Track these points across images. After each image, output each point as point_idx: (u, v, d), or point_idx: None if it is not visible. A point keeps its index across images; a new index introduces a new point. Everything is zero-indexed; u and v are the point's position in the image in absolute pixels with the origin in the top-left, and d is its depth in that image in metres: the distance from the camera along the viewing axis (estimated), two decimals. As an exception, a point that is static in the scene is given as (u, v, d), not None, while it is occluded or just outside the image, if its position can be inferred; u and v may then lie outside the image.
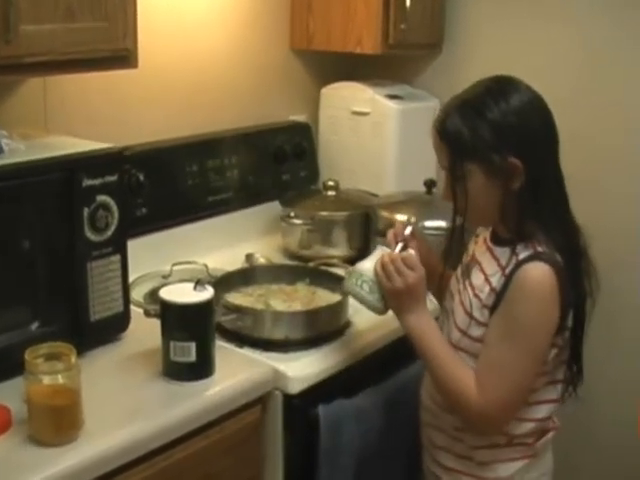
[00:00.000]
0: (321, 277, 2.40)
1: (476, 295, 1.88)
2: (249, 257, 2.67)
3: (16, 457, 1.63)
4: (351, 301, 2.22)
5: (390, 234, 2.05)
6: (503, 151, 1.78)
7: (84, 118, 2.41)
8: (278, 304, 2.26)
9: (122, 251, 2.05)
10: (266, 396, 2.02)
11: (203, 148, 2.76)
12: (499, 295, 1.82)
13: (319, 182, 3.06)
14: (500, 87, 1.85)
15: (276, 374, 2.02)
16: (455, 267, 2.06)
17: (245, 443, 1.99)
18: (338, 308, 2.22)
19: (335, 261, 2.55)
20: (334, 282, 2.33)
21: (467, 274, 1.95)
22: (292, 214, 2.76)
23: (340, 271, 2.39)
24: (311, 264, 2.53)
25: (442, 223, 2.37)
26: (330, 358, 2.13)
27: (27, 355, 1.66)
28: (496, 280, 1.84)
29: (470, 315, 1.89)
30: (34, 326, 1.91)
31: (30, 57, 1.86)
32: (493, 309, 1.83)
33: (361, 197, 2.88)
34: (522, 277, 1.78)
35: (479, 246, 1.98)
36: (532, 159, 1.80)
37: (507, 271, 1.81)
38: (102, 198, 1.96)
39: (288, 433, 2.06)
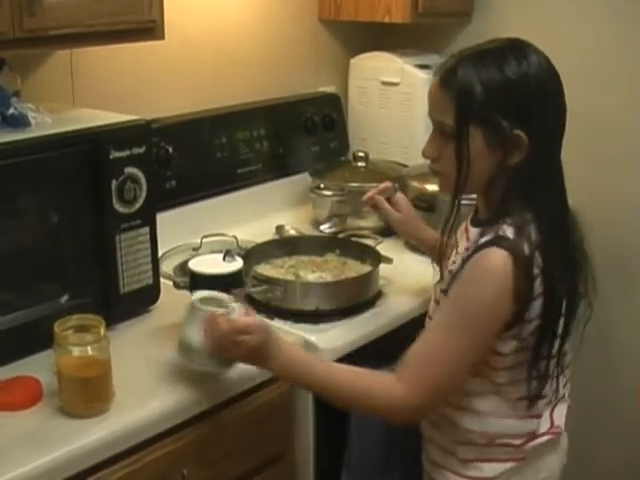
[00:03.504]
0: (351, 248, 2.39)
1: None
2: (279, 229, 2.66)
3: (47, 429, 1.64)
4: (382, 272, 2.22)
5: (371, 195, 2.09)
6: (513, 120, 1.64)
7: (111, 91, 2.40)
8: (308, 275, 2.26)
9: (151, 223, 2.04)
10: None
11: (232, 120, 2.75)
12: (453, 278, 1.70)
13: (349, 153, 3.04)
14: (522, 47, 1.69)
15: (306, 345, 2.01)
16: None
17: (274, 416, 1.98)
18: (369, 278, 2.21)
19: (365, 232, 2.54)
20: (364, 253, 2.33)
21: (447, 257, 1.86)
22: (322, 185, 2.75)
23: (370, 242, 2.38)
24: (341, 235, 2.52)
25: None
26: (361, 329, 2.12)
27: (56, 327, 1.67)
28: (457, 263, 1.73)
29: (436, 301, 1.82)
30: (64, 299, 1.92)
31: (55, 29, 1.84)
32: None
33: (391, 168, 2.86)
34: (474, 261, 1.64)
35: (462, 227, 1.87)
36: (539, 136, 1.65)
37: (465, 254, 1.70)
38: (130, 170, 1.96)
39: (319, 406, 2.05)
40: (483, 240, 1.66)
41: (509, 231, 1.65)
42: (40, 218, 1.88)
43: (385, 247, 2.37)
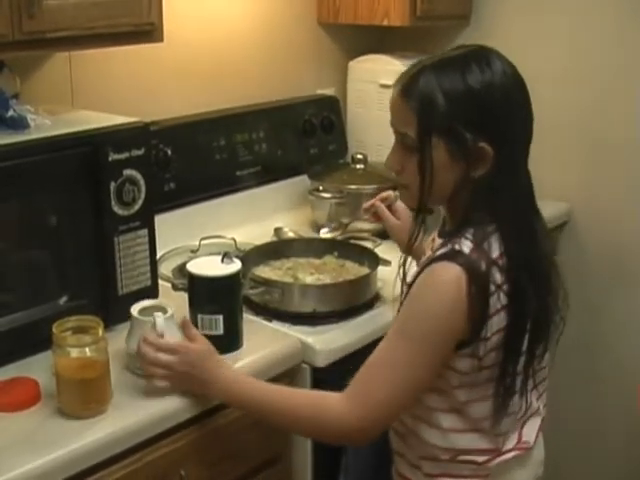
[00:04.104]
0: (349, 250, 2.40)
1: None
2: (277, 231, 2.67)
3: (45, 430, 1.64)
4: (380, 274, 2.22)
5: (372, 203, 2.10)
6: (477, 131, 1.57)
7: (110, 93, 2.41)
8: (306, 277, 2.26)
9: (149, 225, 2.05)
10: (294, 369, 2.02)
11: (231, 122, 2.76)
12: (408, 291, 1.65)
13: (347, 155, 3.05)
14: (486, 55, 1.61)
15: (304, 347, 2.02)
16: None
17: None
18: (367, 281, 2.22)
19: (364, 234, 2.54)
20: (362, 255, 2.34)
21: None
22: (320, 188, 2.75)
23: (369, 244, 2.39)
24: (340, 237, 2.52)
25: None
26: (358, 331, 2.12)
27: (55, 328, 1.67)
28: (412, 275, 1.67)
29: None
30: (62, 300, 1.92)
31: (54, 32, 1.85)
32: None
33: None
34: (424, 275, 1.59)
35: (430, 238, 1.82)
36: (504, 148, 1.58)
37: (422, 264, 1.64)
38: (129, 172, 1.96)
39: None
40: (437, 253, 1.61)
41: (466, 245, 1.59)
42: (39, 220, 1.88)
43: (383, 249, 2.38)
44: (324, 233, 2.59)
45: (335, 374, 2.04)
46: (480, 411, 1.69)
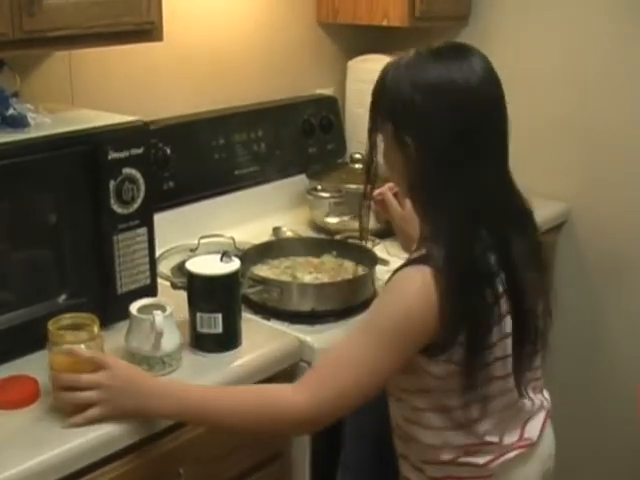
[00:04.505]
0: (348, 249, 2.40)
1: None
2: (276, 230, 2.67)
3: (43, 428, 1.64)
4: (378, 273, 2.22)
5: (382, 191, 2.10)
6: (400, 124, 1.64)
7: (110, 92, 2.41)
8: (305, 276, 2.27)
9: (149, 224, 2.05)
10: (292, 368, 2.02)
11: (230, 122, 2.76)
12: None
13: (346, 155, 3.05)
14: (437, 54, 1.68)
15: (302, 346, 2.02)
16: None
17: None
18: (365, 280, 2.22)
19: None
20: (361, 254, 2.34)
21: None
22: (319, 187, 2.76)
23: (367, 244, 2.39)
24: (338, 237, 2.53)
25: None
26: (357, 330, 2.12)
27: (50, 325, 1.67)
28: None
29: None
30: (61, 298, 1.92)
31: (54, 31, 1.86)
32: None
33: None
34: (397, 276, 1.63)
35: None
36: (427, 144, 1.62)
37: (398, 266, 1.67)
38: (128, 171, 1.96)
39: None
40: (414, 255, 1.65)
41: (435, 248, 1.61)
42: (38, 218, 1.89)
43: (382, 249, 2.39)
44: (332, 219, 2.60)
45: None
46: (466, 414, 1.70)
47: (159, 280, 2.14)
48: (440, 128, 1.62)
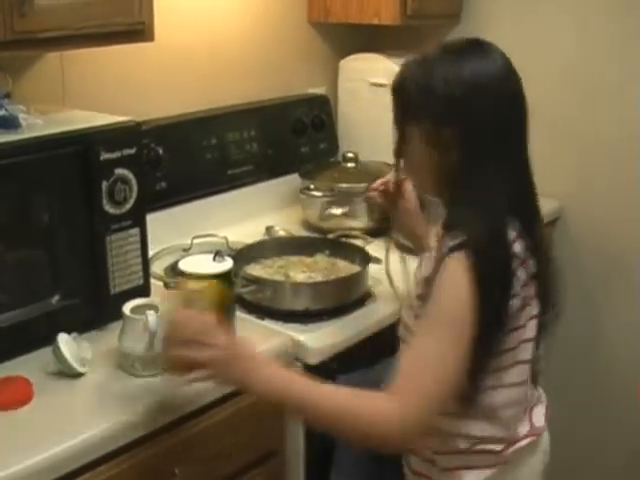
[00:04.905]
0: (341, 248, 2.41)
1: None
2: (269, 230, 2.67)
3: (37, 429, 1.64)
4: (371, 272, 2.23)
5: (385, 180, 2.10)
6: (439, 119, 1.65)
7: (102, 93, 2.41)
8: (298, 275, 2.27)
9: (141, 224, 2.05)
10: (286, 367, 2.02)
11: (222, 121, 2.77)
12: (429, 283, 1.66)
13: (338, 154, 3.05)
14: (463, 50, 1.70)
15: (296, 345, 2.03)
16: None
17: (265, 415, 1.98)
18: (358, 279, 2.23)
19: (355, 233, 2.55)
20: (354, 253, 2.34)
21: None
22: (311, 186, 2.76)
23: (360, 242, 2.40)
24: (331, 236, 2.53)
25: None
26: (350, 329, 2.13)
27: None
28: (429, 267, 1.69)
29: (412, 306, 1.78)
30: (55, 299, 1.92)
31: (45, 32, 1.86)
32: (425, 298, 1.67)
33: (380, 168, 2.85)
34: (447, 265, 1.61)
35: (435, 230, 1.82)
36: (472, 136, 1.64)
37: (437, 258, 1.65)
38: (120, 171, 1.96)
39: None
40: (452, 243, 1.62)
41: (472, 235, 1.61)
42: (31, 219, 1.89)
43: (374, 247, 2.39)
44: (335, 210, 2.63)
45: (327, 372, 2.05)
46: (501, 398, 1.73)
47: (152, 280, 2.14)
48: (482, 121, 1.65)
